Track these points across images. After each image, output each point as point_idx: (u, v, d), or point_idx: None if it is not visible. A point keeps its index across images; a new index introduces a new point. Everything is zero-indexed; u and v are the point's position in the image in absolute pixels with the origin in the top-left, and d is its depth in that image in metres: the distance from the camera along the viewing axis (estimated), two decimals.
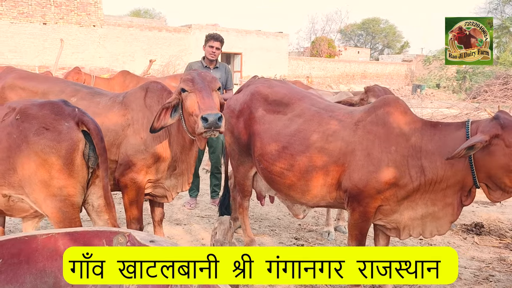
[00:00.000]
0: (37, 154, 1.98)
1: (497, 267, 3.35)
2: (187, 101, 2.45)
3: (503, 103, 9.47)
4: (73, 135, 2.05)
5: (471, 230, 4.16)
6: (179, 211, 4.49)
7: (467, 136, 2.32)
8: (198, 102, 2.37)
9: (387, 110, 2.64)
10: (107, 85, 6.75)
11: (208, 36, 4.40)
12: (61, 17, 18.76)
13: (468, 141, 2.22)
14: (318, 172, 2.70)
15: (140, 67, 18.77)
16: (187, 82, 2.46)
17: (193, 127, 2.43)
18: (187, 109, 2.45)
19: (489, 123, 2.27)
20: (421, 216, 2.56)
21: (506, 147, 2.18)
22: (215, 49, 4.34)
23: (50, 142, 1.99)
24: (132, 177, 2.68)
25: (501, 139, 2.20)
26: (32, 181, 2.00)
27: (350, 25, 47.55)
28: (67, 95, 2.77)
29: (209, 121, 2.27)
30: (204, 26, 23.37)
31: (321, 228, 4.05)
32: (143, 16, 40.71)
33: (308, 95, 3.11)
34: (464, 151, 2.20)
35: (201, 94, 2.39)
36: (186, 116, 2.51)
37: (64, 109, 2.12)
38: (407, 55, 39.28)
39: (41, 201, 2.03)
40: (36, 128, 2.01)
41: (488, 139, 2.19)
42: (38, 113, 2.06)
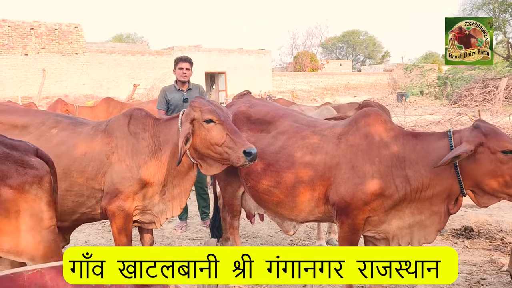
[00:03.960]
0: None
1: (488, 270, 3.38)
2: (213, 131, 2.58)
3: (483, 107, 9.69)
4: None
5: (461, 234, 4.21)
6: (170, 234, 4.46)
7: (451, 145, 2.40)
8: (229, 135, 2.55)
9: (368, 122, 2.69)
10: (91, 113, 6.76)
11: (176, 59, 4.47)
12: (42, 47, 18.75)
13: (455, 151, 2.30)
14: (304, 188, 2.73)
15: (124, 92, 18.78)
16: (214, 113, 2.60)
17: (215, 156, 2.61)
18: (212, 139, 2.57)
19: (471, 133, 2.36)
20: (408, 225, 2.60)
21: (491, 153, 2.28)
22: (185, 70, 4.39)
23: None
24: (119, 205, 2.66)
25: (486, 147, 2.29)
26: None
27: (331, 38, 48.44)
28: (48, 127, 2.76)
29: (252, 155, 2.49)
30: (186, 48, 23.58)
31: (313, 243, 4.06)
32: (125, 41, 40.88)
33: (290, 112, 3.16)
34: (450, 160, 2.28)
35: (231, 127, 2.60)
36: (206, 144, 2.60)
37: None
38: (388, 64, 40.02)
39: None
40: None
41: (473, 148, 2.29)
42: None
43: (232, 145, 2.53)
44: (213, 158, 2.66)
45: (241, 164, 2.54)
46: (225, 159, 2.60)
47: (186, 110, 2.72)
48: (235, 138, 2.55)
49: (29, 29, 18.40)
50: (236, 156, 2.53)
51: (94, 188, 2.69)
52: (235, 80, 24.78)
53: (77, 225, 2.96)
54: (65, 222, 2.80)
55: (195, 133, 2.63)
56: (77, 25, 19.81)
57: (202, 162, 2.73)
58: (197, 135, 2.63)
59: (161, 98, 4.43)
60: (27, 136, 2.71)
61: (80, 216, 2.79)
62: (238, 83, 23.50)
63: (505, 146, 2.27)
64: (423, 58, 47.27)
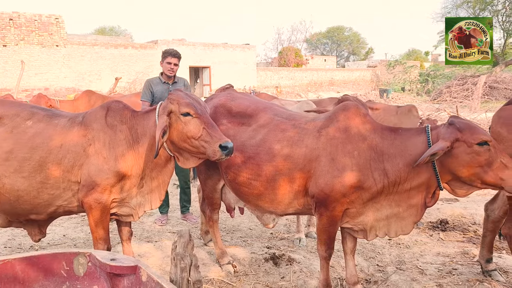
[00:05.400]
0: None
1: (460, 261, 3.48)
2: (189, 125, 2.57)
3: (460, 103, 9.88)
4: None
5: (436, 227, 4.30)
6: (150, 228, 4.43)
7: (428, 141, 2.46)
8: (206, 129, 2.56)
9: (347, 116, 2.72)
10: (72, 107, 6.66)
11: (166, 53, 4.38)
12: (21, 38, 18.32)
13: (432, 149, 2.36)
14: (284, 180, 2.75)
15: (107, 85, 18.51)
16: (191, 106, 2.59)
17: (191, 149, 2.61)
18: (188, 132, 2.57)
19: (447, 130, 2.43)
20: (386, 217, 2.65)
21: (468, 147, 2.35)
22: (173, 65, 4.33)
23: None
24: (96, 197, 2.64)
25: (462, 141, 2.36)
26: None
27: (316, 34, 48.51)
28: (23, 118, 2.71)
29: (228, 149, 2.51)
30: (170, 41, 23.32)
31: (293, 236, 4.09)
32: (108, 33, 40.18)
33: (270, 106, 3.16)
34: (428, 158, 2.35)
35: (208, 121, 2.60)
36: (183, 138, 2.59)
37: None
38: (372, 61, 40.40)
39: None
40: None
41: (449, 145, 2.36)
42: None
43: (208, 139, 2.54)
44: (189, 152, 2.66)
45: (217, 158, 2.55)
46: (202, 153, 2.60)
47: (163, 102, 2.70)
48: (211, 132, 2.56)
49: (8, 20, 17.94)
50: (212, 150, 2.54)
51: (70, 180, 2.65)
52: (219, 75, 24.66)
53: (53, 218, 2.92)
54: (40, 215, 2.76)
55: (172, 126, 2.62)
56: (58, 16, 19.39)
57: (179, 155, 2.73)
58: (174, 128, 2.62)
59: (146, 90, 4.38)
60: (1, 127, 2.66)
61: (56, 209, 2.75)
62: (222, 78, 23.40)
63: (480, 138, 2.34)
64: (406, 55, 47.87)
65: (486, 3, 28.84)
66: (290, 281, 3.13)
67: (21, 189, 2.62)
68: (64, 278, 1.50)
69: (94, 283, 1.63)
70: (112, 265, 1.46)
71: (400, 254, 3.65)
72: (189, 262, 1.95)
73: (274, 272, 3.28)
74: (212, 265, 3.40)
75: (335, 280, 3.13)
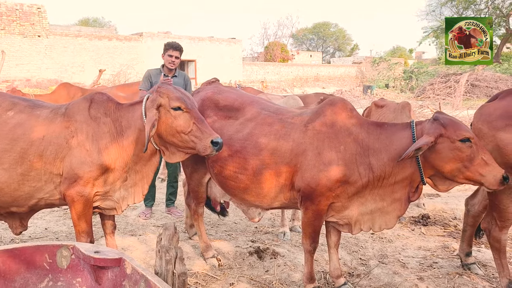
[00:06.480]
0: None
1: (441, 255, 3.55)
2: (179, 119, 2.55)
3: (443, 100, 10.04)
4: None
5: (418, 222, 4.38)
6: (134, 221, 4.39)
7: (413, 136, 2.50)
8: (196, 124, 2.54)
9: (334, 110, 2.74)
10: (50, 101, 6.49)
11: (167, 45, 4.32)
12: (2, 27, 17.84)
13: (417, 143, 2.40)
14: (271, 174, 2.76)
15: (90, 77, 18.21)
16: (181, 100, 2.57)
17: (179, 144, 2.60)
18: (178, 127, 2.55)
19: (432, 125, 2.47)
20: (370, 211, 2.68)
21: (451, 142, 2.39)
22: (174, 58, 4.28)
23: None
24: (78, 190, 2.59)
25: (446, 137, 2.40)
26: None
27: (302, 29, 48.63)
28: (4, 109, 2.64)
29: (219, 144, 2.51)
30: (156, 34, 23.03)
31: (277, 230, 4.11)
32: (92, 25, 39.49)
33: (257, 100, 3.16)
34: (413, 153, 2.38)
35: (198, 116, 2.58)
36: (172, 132, 2.57)
37: None
38: (357, 57, 40.69)
39: None
40: None
41: (433, 140, 2.39)
42: None
43: (199, 134, 2.54)
44: (177, 146, 2.64)
45: (208, 153, 2.55)
46: (190, 148, 2.59)
47: (151, 95, 2.66)
48: (202, 127, 2.55)
49: None
50: (203, 145, 2.53)
51: (52, 173, 2.60)
52: (205, 69, 24.49)
53: (35, 211, 2.86)
54: (21, 207, 2.70)
55: (161, 119, 2.59)
56: (40, 6, 18.93)
57: (165, 149, 2.71)
58: (162, 122, 2.59)
59: (145, 80, 4.33)
60: None
61: (38, 202, 2.70)
62: (208, 72, 23.24)
63: (463, 134, 2.39)
64: (391, 52, 48.36)
65: (469, 2, 29.31)
66: (274, 274, 3.14)
67: (1, 181, 2.56)
68: (46, 270, 1.47)
69: (78, 276, 1.61)
70: (96, 257, 1.44)
71: (383, 248, 3.71)
72: (174, 255, 1.94)
73: (258, 266, 3.29)
74: (197, 258, 3.39)
75: (318, 274, 3.16)
